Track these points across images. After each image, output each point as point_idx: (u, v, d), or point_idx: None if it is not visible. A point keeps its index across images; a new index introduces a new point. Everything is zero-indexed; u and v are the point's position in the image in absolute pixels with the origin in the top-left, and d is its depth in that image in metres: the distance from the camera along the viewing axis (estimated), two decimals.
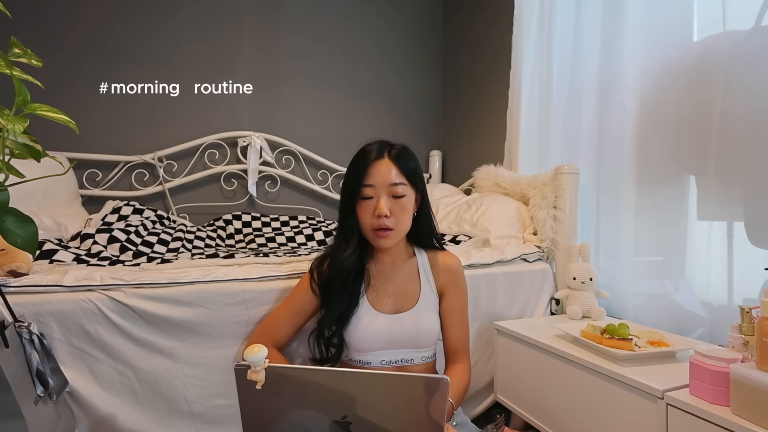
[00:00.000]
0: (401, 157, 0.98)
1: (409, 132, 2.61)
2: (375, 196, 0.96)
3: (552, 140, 1.71)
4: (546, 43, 1.73)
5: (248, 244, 1.88)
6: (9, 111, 0.60)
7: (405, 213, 0.98)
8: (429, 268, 1.07)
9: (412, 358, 1.01)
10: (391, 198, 0.96)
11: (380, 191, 0.96)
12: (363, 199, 0.97)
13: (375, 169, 0.96)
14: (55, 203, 1.60)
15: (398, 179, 0.96)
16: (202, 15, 2.15)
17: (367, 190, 0.96)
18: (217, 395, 1.03)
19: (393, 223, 0.96)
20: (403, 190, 0.97)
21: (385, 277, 1.04)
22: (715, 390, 0.76)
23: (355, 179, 0.97)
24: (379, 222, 0.95)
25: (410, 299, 1.03)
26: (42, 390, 0.79)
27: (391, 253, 1.05)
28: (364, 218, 0.97)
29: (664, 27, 1.31)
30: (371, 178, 0.96)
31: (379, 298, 1.03)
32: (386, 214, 0.94)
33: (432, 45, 2.68)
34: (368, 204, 0.96)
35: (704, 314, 1.20)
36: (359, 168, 0.97)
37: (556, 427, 1.09)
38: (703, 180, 1.21)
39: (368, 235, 0.99)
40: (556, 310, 1.47)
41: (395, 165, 0.97)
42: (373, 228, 0.96)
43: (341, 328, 1.00)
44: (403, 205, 0.97)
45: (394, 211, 0.96)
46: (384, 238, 0.97)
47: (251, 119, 2.25)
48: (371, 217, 0.96)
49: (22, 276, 0.95)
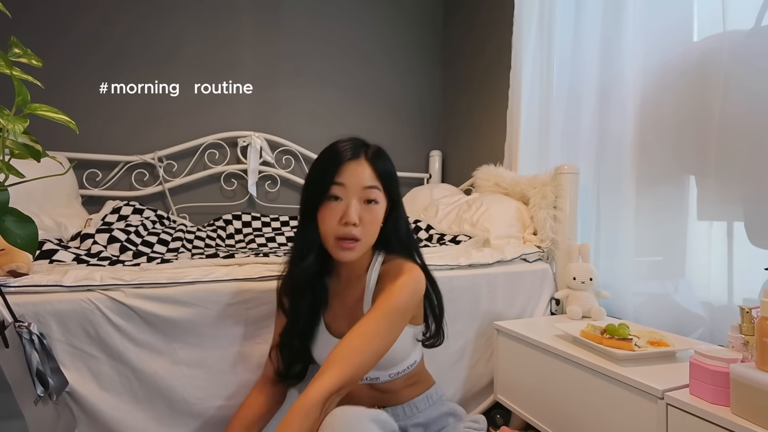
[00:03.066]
0: (378, 158, 0.87)
1: (410, 132, 2.61)
2: (344, 198, 0.83)
3: (552, 140, 1.71)
4: (546, 43, 1.73)
5: (248, 244, 1.88)
6: (9, 111, 0.60)
7: (374, 223, 0.86)
8: (375, 281, 0.90)
9: (377, 377, 0.91)
10: (363, 203, 0.84)
11: (351, 194, 0.83)
12: (329, 199, 0.84)
13: (349, 169, 0.83)
14: (55, 203, 1.59)
15: (372, 182, 0.85)
16: (202, 15, 2.15)
17: (337, 189, 0.83)
18: (216, 396, 1.03)
19: (361, 233, 0.83)
20: (376, 195, 0.85)
21: (339, 296, 0.94)
22: (715, 390, 0.76)
23: (322, 177, 0.84)
24: (346, 230, 0.82)
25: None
26: (42, 390, 0.79)
27: (348, 267, 0.92)
28: (327, 223, 0.84)
29: (664, 27, 1.31)
30: (343, 176, 0.83)
31: (334, 319, 0.93)
32: (355, 222, 0.82)
33: (432, 45, 2.68)
34: (335, 207, 0.83)
35: (704, 314, 1.20)
36: (330, 165, 0.84)
37: (556, 427, 1.09)
38: (703, 180, 1.21)
39: (329, 245, 0.85)
40: (556, 310, 1.48)
41: (371, 167, 0.85)
42: (337, 236, 0.83)
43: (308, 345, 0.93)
44: (374, 213, 0.85)
45: (363, 220, 0.83)
46: (348, 250, 0.83)
47: (251, 119, 2.25)
48: (337, 223, 0.83)
49: (22, 276, 0.95)
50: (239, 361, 1.04)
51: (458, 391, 1.31)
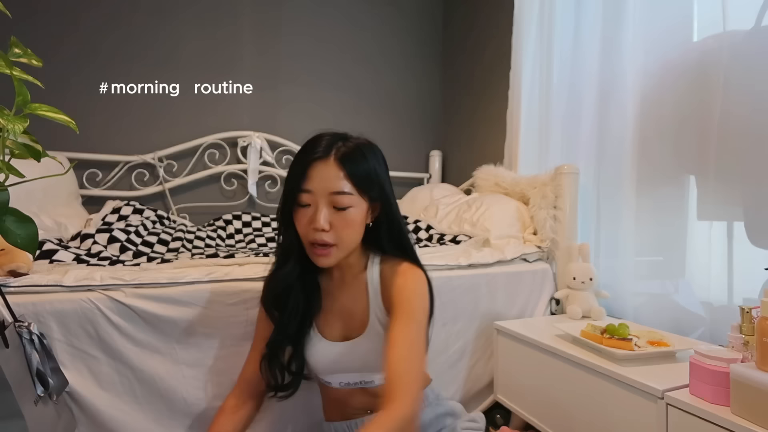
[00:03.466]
0: (349, 158, 0.80)
1: (410, 132, 2.61)
2: (313, 204, 0.79)
3: (552, 140, 1.71)
4: (546, 43, 1.73)
5: (248, 244, 1.88)
6: (9, 111, 0.60)
7: (348, 228, 0.80)
8: (379, 283, 0.88)
9: (372, 380, 0.89)
10: (332, 208, 0.79)
11: (319, 199, 0.78)
12: (300, 206, 0.80)
13: (315, 172, 0.78)
14: (55, 203, 1.59)
15: (342, 187, 0.78)
16: (202, 15, 2.15)
17: (304, 197, 0.79)
18: (216, 396, 1.03)
19: (334, 238, 0.79)
20: (348, 201, 0.79)
21: (333, 296, 0.91)
22: (715, 390, 0.76)
23: (292, 181, 0.81)
24: (316, 236, 0.79)
25: (358, 323, 0.88)
26: (42, 390, 0.79)
27: (341, 267, 0.89)
28: (301, 229, 0.81)
29: (664, 27, 1.31)
30: (309, 182, 0.78)
31: (327, 322, 0.90)
32: (324, 228, 0.78)
33: (432, 45, 2.67)
34: (305, 212, 0.80)
35: (704, 314, 1.20)
36: (298, 168, 0.81)
37: (556, 427, 1.09)
38: (703, 180, 1.21)
39: (306, 249, 0.82)
40: (556, 310, 1.47)
41: (341, 169, 0.79)
42: (309, 241, 0.80)
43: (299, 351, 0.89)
44: (346, 218, 0.79)
45: (335, 225, 0.79)
46: (323, 256, 0.80)
47: (251, 119, 2.25)
48: (307, 227, 0.80)
49: (22, 276, 0.95)
50: (239, 361, 1.04)
51: (458, 391, 1.31)
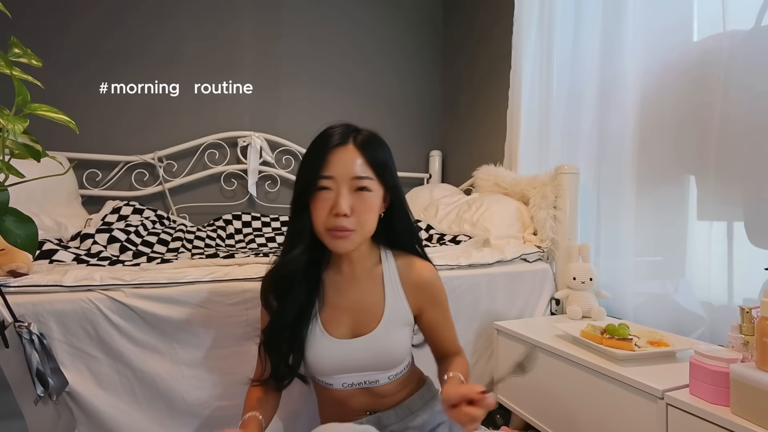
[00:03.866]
0: (369, 145, 0.81)
1: (409, 132, 2.61)
2: (334, 189, 0.79)
3: (552, 140, 1.71)
4: (546, 43, 1.73)
5: (248, 244, 1.88)
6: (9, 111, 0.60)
7: (369, 212, 0.81)
8: (398, 277, 0.89)
9: (377, 380, 0.87)
10: (354, 192, 0.79)
11: (341, 184, 0.79)
12: (319, 189, 0.79)
13: (336, 158, 0.79)
14: (55, 203, 1.59)
15: (363, 172, 0.79)
16: (202, 15, 2.15)
17: (325, 182, 0.79)
18: (216, 396, 1.03)
19: (354, 223, 0.79)
20: (368, 184, 0.80)
21: (342, 291, 0.88)
22: (715, 390, 0.76)
23: (310, 169, 0.80)
24: (337, 222, 0.78)
25: (372, 317, 0.86)
26: (42, 390, 0.79)
27: (352, 261, 0.87)
28: (318, 214, 0.80)
29: (664, 27, 1.31)
30: (330, 168, 0.78)
31: (334, 318, 0.87)
32: (346, 213, 0.77)
33: (432, 45, 2.68)
34: (325, 197, 0.79)
35: (704, 314, 1.20)
36: (317, 155, 0.80)
37: (556, 427, 1.09)
38: (703, 180, 1.21)
39: (322, 236, 0.81)
40: (556, 310, 1.47)
41: (361, 155, 0.80)
42: (327, 228, 0.79)
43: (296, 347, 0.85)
44: (367, 201, 0.80)
45: (356, 209, 0.79)
46: (342, 239, 0.79)
47: (251, 119, 2.25)
48: (327, 214, 0.79)
49: (22, 276, 0.95)
50: (239, 361, 1.04)
51: None
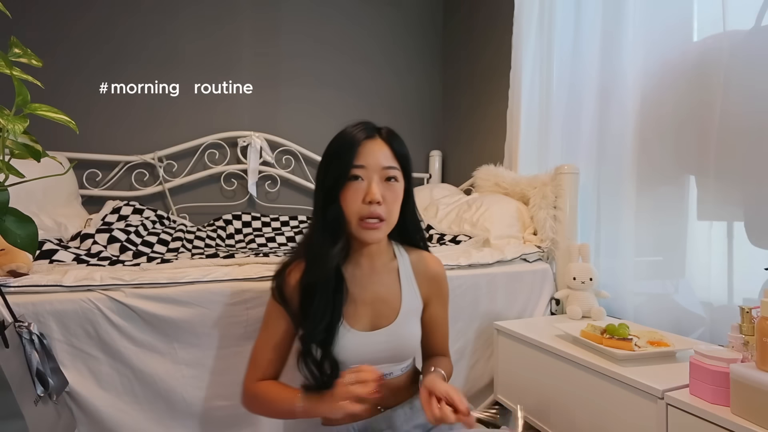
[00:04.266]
0: (394, 138, 0.86)
1: (409, 132, 2.60)
2: (366, 178, 0.81)
3: (552, 140, 1.71)
4: (546, 43, 1.73)
5: (248, 244, 1.88)
6: (9, 111, 0.60)
7: (396, 202, 0.84)
8: (411, 270, 0.93)
9: (392, 372, 0.89)
10: (383, 182, 0.82)
11: (372, 173, 0.81)
12: (351, 179, 0.81)
13: (366, 149, 0.82)
14: (55, 203, 1.59)
15: (392, 163, 0.83)
16: (202, 15, 2.15)
17: (357, 171, 0.81)
18: (216, 396, 1.03)
19: (385, 211, 0.82)
20: (396, 174, 0.84)
21: (363, 284, 0.89)
22: (715, 390, 0.76)
23: (342, 161, 0.81)
24: (371, 210, 0.80)
25: (390, 310, 0.89)
26: (42, 390, 0.79)
27: (371, 255, 0.89)
28: (351, 205, 0.81)
29: (664, 27, 1.31)
30: (362, 158, 0.81)
31: (355, 311, 0.87)
32: (379, 200, 0.80)
33: (432, 45, 2.68)
34: (357, 186, 0.81)
35: (704, 314, 1.20)
36: (347, 148, 0.82)
37: (556, 427, 1.09)
38: (703, 180, 1.21)
39: (353, 227, 0.82)
40: (556, 310, 1.47)
41: (389, 146, 0.84)
42: (362, 216, 0.81)
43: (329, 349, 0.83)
44: (395, 191, 0.84)
45: (386, 198, 0.82)
46: (374, 229, 0.81)
47: (251, 119, 2.25)
48: (360, 203, 0.81)
49: (22, 276, 0.95)
50: (239, 362, 1.04)
51: None
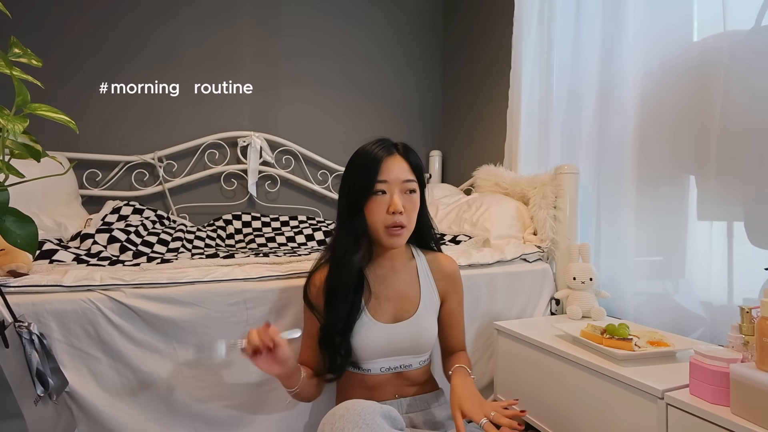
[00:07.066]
0: (410, 153, 0.98)
1: (409, 132, 2.61)
2: (388, 192, 0.93)
3: (552, 140, 1.71)
4: (546, 43, 1.73)
5: (248, 244, 1.88)
6: (9, 111, 0.60)
7: (415, 210, 0.97)
8: (428, 269, 1.05)
9: (411, 364, 1.00)
10: (404, 194, 0.94)
11: (393, 187, 0.93)
12: (375, 194, 0.93)
13: (388, 166, 0.93)
14: (55, 203, 1.59)
15: (410, 176, 0.95)
16: (202, 15, 2.15)
17: (381, 186, 0.93)
18: (216, 396, 1.03)
19: (406, 220, 0.94)
20: (414, 186, 0.96)
21: (385, 282, 1.01)
22: (715, 390, 0.76)
23: (366, 178, 0.93)
24: (394, 219, 0.92)
25: (411, 305, 1.00)
26: (42, 390, 0.79)
27: (392, 256, 1.02)
28: (376, 216, 0.93)
29: (664, 27, 1.31)
30: (385, 174, 0.93)
31: (378, 306, 0.99)
32: (401, 211, 0.92)
33: (432, 45, 2.68)
34: (381, 200, 0.93)
35: (704, 314, 1.20)
36: (371, 166, 0.93)
37: (556, 427, 1.09)
38: (703, 180, 1.21)
39: (379, 234, 0.95)
40: (556, 310, 1.47)
41: (406, 161, 0.96)
42: (387, 225, 0.93)
43: (347, 336, 0.95)
44: (414, 201, 0.96)
45: (406, 208, 0.94)
46: (398, 236, 0.94)
47: (251, 119, 2.25)
48: (384, 214, 0.93)
49: (22, 276, 0.95)
50: (239, 362, 1.04)
51: None
